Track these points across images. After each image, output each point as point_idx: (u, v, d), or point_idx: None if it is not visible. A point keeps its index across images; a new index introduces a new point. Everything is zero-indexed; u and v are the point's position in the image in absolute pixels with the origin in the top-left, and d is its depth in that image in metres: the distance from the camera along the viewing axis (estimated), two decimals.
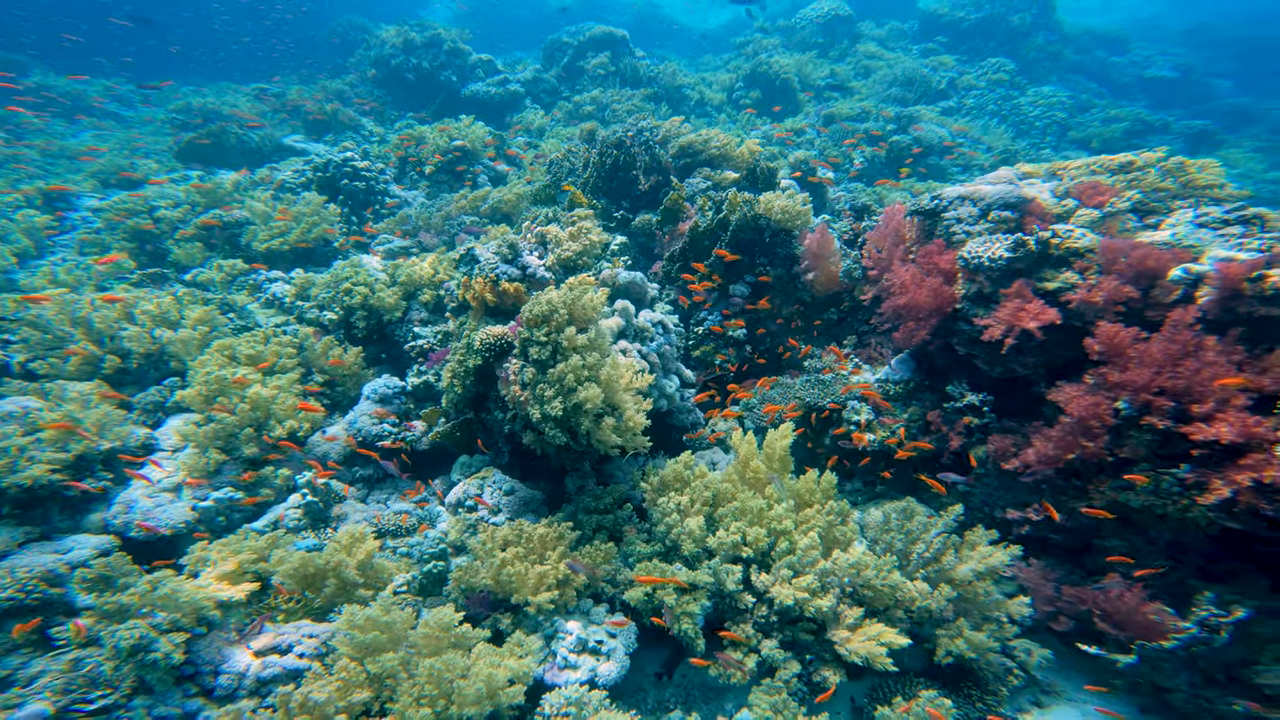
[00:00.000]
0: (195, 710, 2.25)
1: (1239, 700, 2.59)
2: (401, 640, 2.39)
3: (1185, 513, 2.73)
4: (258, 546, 2.71)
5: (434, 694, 2.21)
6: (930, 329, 3.97)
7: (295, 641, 2.43)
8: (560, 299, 3.32)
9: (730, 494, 3.57)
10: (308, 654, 2.35)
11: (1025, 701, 3.31)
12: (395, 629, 2.40)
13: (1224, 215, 2.99)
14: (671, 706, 3.27)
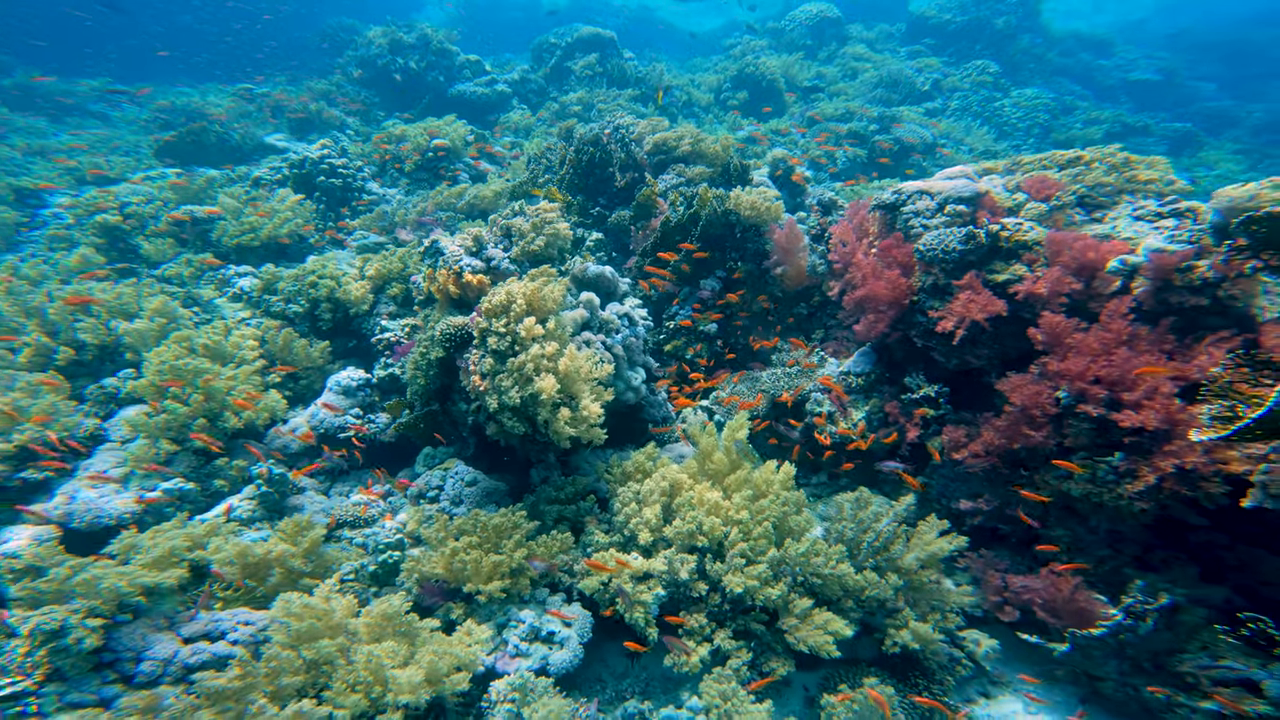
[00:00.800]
0: (111, 697, 2.24)
1: (1163, 688, 2.64)
2: (341, 628, 2.40)
3: (1120, 501, 2.79)
4: (194, 534, 2.71)
5: (369, 680, 2.23)
6: (888, 321, 4.03)
7: (230, 629, 2.44)
8: (519, 290, 3.35)
9: (688, 484, 3.61)
10: (242, 641, 2.35)
11: (973, 692, 3.35)
12: (335, 617, 2.41)
13: (1158, 208, 3.05)
14: (628, 696, 3.29)
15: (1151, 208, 3.07)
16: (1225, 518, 2.71)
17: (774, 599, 3.10)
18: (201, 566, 2.67)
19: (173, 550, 2.56)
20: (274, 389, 3.66)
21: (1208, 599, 2.75)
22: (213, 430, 3.22)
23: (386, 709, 2.18)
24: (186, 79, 17.07)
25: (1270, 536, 2.68)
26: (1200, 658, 2.58)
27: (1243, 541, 2.72)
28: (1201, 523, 2.70)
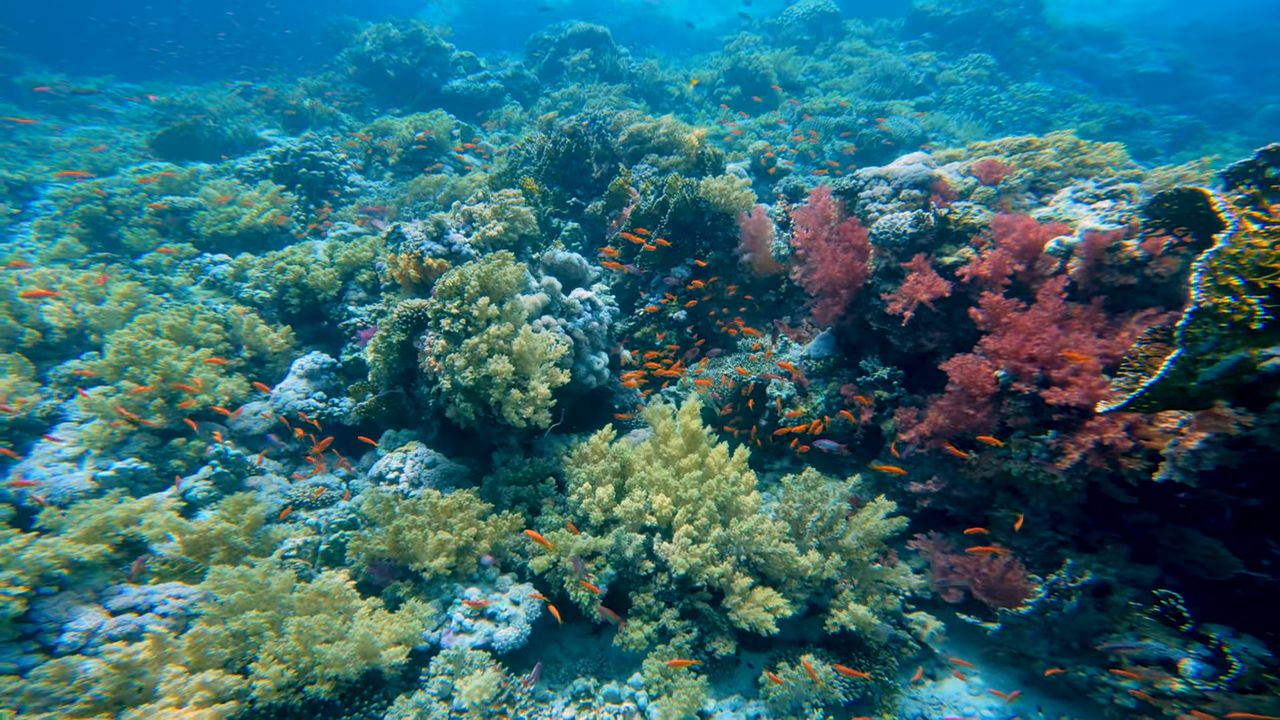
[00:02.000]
0: (30, 665, 2.30)
1: (1088, 667, 2.65)
2: (274, 602, 2.47)
3: (1053, 480, 2.80)
4: (130, 510, 2.78)
5: (298, 650, 2.29)
6: (844, 304, 4.05)
7: (159, 601, 2.50)
8: (473, 272, 3.42)
9: (641, 465, 3.66)
10: (171, 614, 2.41)
11: (921, 673, 3.38)
12: (269, 591, 2.48)
13: (1096, 190, 3.05)
14: (580, 675, 3.35)
15: (1090, 189, 3.07)
16: (1155, 497, 2.72)
17: (716, 577, 3.14)
18: (136, 542, 2.74)
19: (104, 525, 2.63)
20: (238, 373, 3.76)
21: (1139, 579, 2.76)
22: (170, 411, 3.30)
23: (315, 680, 2.24)
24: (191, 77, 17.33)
25: (1199, 515, 2.68)
26: (1127, 637, 2.59)
27: (1172, 520, 2.73)
28: (1131, 501, 2.71)
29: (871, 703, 3.13)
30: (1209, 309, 1.89)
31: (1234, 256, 1.93)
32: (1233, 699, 2.29)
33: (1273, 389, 2.05)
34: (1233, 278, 1.90)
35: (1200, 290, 1.92)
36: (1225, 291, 1.89)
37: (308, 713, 2.23)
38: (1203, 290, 1.91)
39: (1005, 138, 3.82)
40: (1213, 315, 1.89)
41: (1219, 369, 1.98)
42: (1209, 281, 1.92)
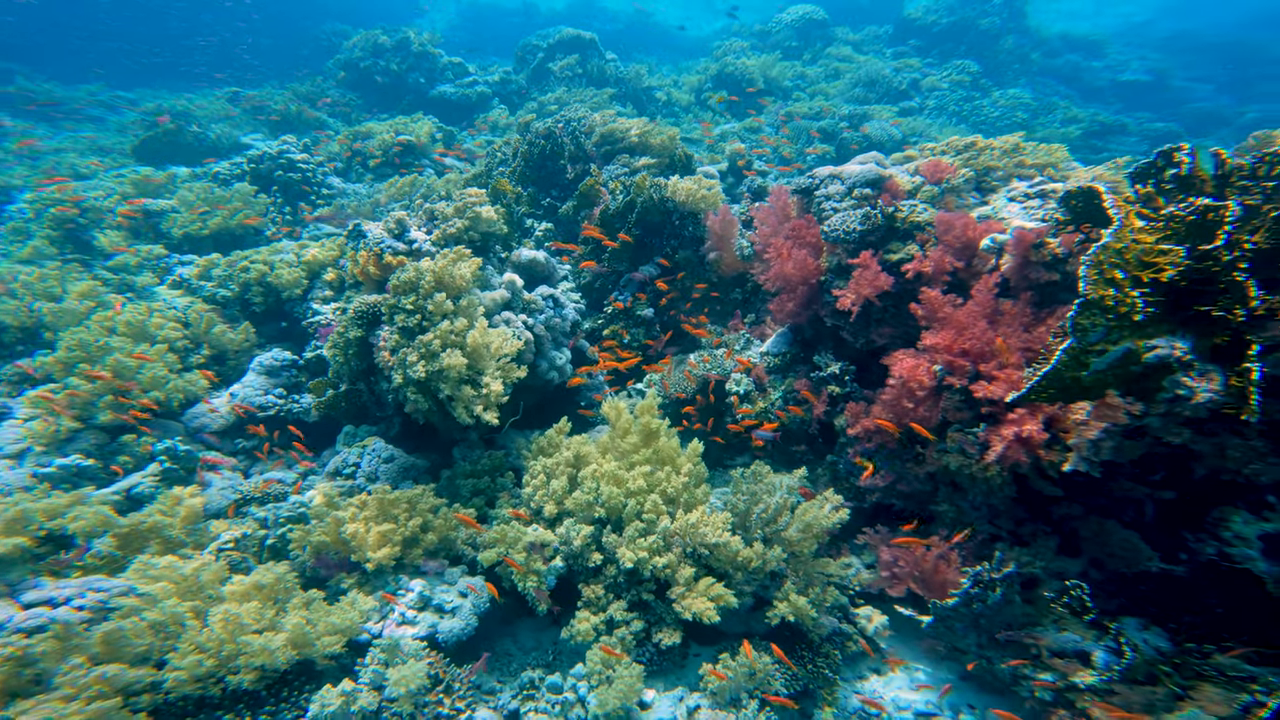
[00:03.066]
0: None
1: (1012, 660, 2.68)
2: (201, 593, 2.47)
3: (986, 473, 2.85)
4: (55, 503, 2.77)
5: (223, 639, 2.30)
6: (799, 301, 4.11)
7: (76, 594, 2.50)
8: (428, 267, 3.47)
9: (596, 458, 3.70)
10: (89, 606, 2.41)
11: (865, 668, 3.41)
12: (197, 582, 2.48)
13: (1027, 190, 3.13)
14: (530, 667, 3.37)
15: (1022, 189, 3.15)
16: (1080, 490, 2.77)
17: (661, 569, 3.17)
18: (61, 536, 2.73)
19: (21, 518, 2.62)
20: (197, 370, 3.80)
21: (1065, 571, 2.80)
22: (121, 408, 3.32)
23: (239, 670, 2.26)
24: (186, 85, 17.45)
25: (1119, 508, 2.73)
26: (1050, 630, 2.63)
27: (1095, 513, 2.77)
28: (1056, 494, 2.75)
29: (813, 695, 3.16)
30: (1095, 301, 1.95)
31: (1119, 251, 1.99)
32: (1133, 690, 2.32)
33: (1158, 379, 2.10)
34: (1117, 271, 1.96)
35: (1087, 283, 1.98)
36: (1110, 284, 1.95)
37: (229, 703, 2.25)
38: (1089, 283, 1.97)
39: (952, 138, 3.90)
40: (1099, 307, 1.94)
41: (1108, 359, 2.04)
42: (1095, 274, 1.97)
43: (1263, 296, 1.91)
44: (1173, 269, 1.93)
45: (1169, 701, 2.26)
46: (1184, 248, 1.97)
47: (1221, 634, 2.40)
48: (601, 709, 2.79)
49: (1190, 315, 1.99)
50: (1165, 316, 2.02)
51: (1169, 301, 1.99)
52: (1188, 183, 2.27)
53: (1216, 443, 2.16)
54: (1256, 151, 2.14)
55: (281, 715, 2.23)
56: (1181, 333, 2.05)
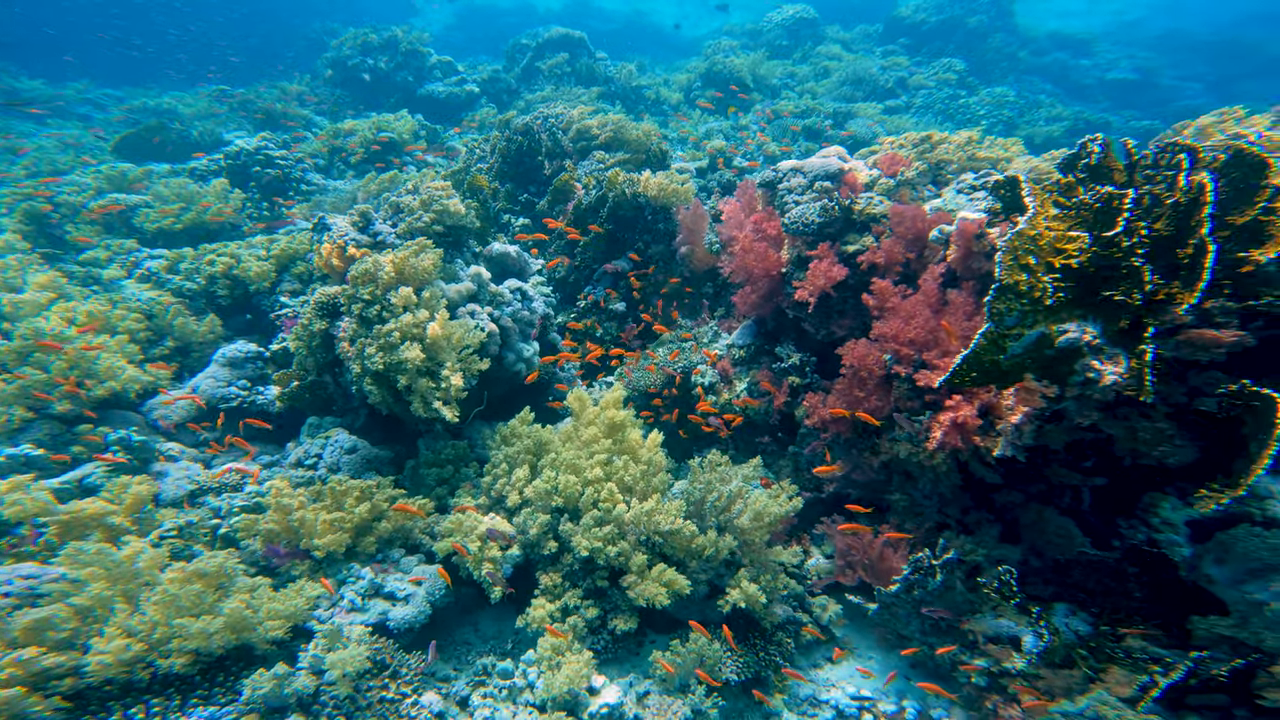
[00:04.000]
0: None
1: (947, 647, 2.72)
2: (136, 579, 2.46)
3: (931, 461, 2.88)
4: None
5: (156, 622, 2.29)
6: (761, 293, 4.15)
7: (3, 581, 2.48)
8: (388, 259, 3.50)
9: (557, 447, 3.73)
10: (14, 593, 2.40)
11: (820, 656, 3.44)
12: (131, 569, 2.46)
13: (974, 181, 3.17)
14: (486, 655, 3.40)
15: (970, 181, 3.19)
16: (1019, 476, 2.80)
17: (614, 556, 3.20)
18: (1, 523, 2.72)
19: None
20: (160, 361, 3.81)
21: (1005, 558, 2.83)
22: (78, 398, 3.32)
23: (171, 654, 2.27)
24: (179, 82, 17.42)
25: (1056, 494, 2.76)
26: (988, 616, 2.66)
27: (1034, 500, 2.80)
28: (996, 481, 2.79)
29: (765, 682, 3.19)
30: (1010, 286, 1.99)
31: (1033, 238, 2.03)
32: (1056, 674, 2.36)
33: (1070, 363, 2.14)
34: (1030, 257, 2.00)
35: (1002, 268, 2.01)
36: (1024, 270, 1.98)
37: (159, 687, 2.26)
38: (1004, 268, 2.01)
39: (910, 133, 3.94)
40: (1014, 292, 1.98)
41: (1024, 343, 2.07)
42: (1010, 260, 2.01)
43: (1156, 281, 1.95)
44: (1078, 255, 1.96)
45: (1083, 684, 2.30)
46: (1088, 234, 2.01)
47: (1136, 617, 2.43)
48: (547, 693, 2.81)
49: (1099, 300, 2.02)
50: (1077, 301, 2.06)
51: (1079, 287, 2.03)
52: (1098, 172, 2.31)
53: (1129, 426, 2.20)
54: (1156, 143, 2.18)
55: (214, 698, 2.25)
56: (1092, 317, 2.08)
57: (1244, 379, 2.06)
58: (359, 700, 2.45)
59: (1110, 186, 2.11)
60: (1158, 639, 2.34)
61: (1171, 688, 2.08)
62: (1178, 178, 2.06)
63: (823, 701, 3.15)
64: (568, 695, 2.81)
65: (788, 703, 3.15)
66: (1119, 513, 2.74)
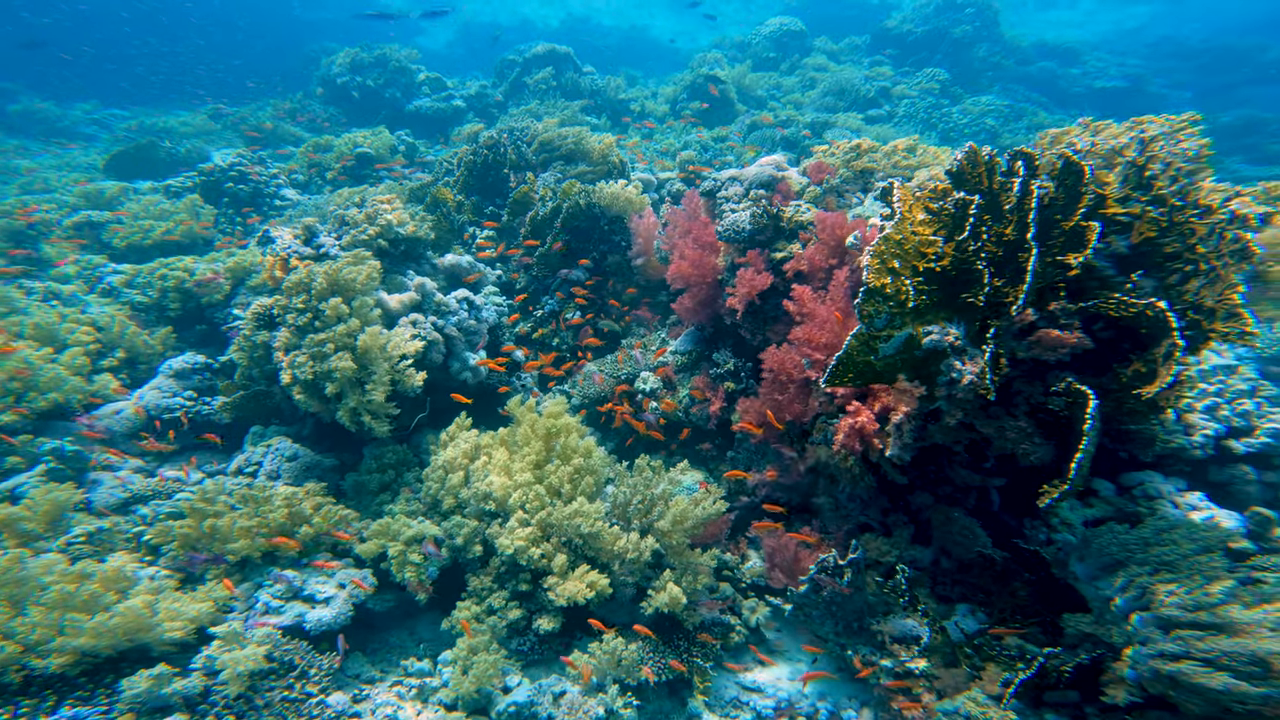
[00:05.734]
0: None
1: (862, 647, 2.72)
2: (23, 583, 2.49)
3: (845, 463, 2.91)
4: None
5: (35, 623, 2.29)
6: (699, 300, 4.21)
7: None
8: (321, 270, 3.60)
9: (491, 450, 3.78)
10: None
11: (749, 658, 3.44)
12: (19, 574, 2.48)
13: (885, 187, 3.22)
14: (417, 657, 3.43)
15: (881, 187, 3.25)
16: (929, 478, 2.82)
17: (537, 559, 3.24)
18: None
19: None
20: (108, 372, 3.93)
21: (918, 559, 2.84)
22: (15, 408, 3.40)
23: (50, 654, 2.30)
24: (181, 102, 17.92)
25: (962, 496, 2.78)
26: (899, 616, 2.67)
27: (943, 501, 2.82)
28: (903, 481, 2.80)
29: (689, 684, 3.20)
30: (877, 289, 2.03)
31: (899, 242, 2.08)
32: (949, 673, 2.36)
33: (937, 363, 2.17)
34: (895, 261, 2.05)
35: (869, 271, 2.06)
36: (890, 273, 2.03)
37: (36, 688, 2.28)
38: (871, 271, 2.06)
39: (839, 140, 4.01)
40: (881, 295, 2.03)
41: (894, 344, 2.11)
42: (877, 264, 2.06)
43: (995, 284, 1.99)
44: (935, 259, 2.01)
45: (966, 682, 2.30)
46: (942, 239, 2.05)
47: (1019, 616, 2.43)
48: (456, 691, 2.85)
49: (960, 303, 2.06)
50: (942, 304, 2.09)
51: (942, 290, 2.07)
52: (959, 178, 2.36)
53: (999, 426, 2.22)
54: (1008, 151, 2.22)
55: (96, 699, 2.28)
56: (956, 320, 2.12)
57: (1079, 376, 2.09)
58: (255, 700, 2.49)
59: (963, 193, 2.16)
60: (1035, 637, 2.34)
61: (1025, 685, 2.08)
62: (1012, 184, 2.11)
63: (744, 703, 3.15)
64: (476, 694, 2.84)
65: (710, 704, 3.16)
66: (1027, 513, 2.75)
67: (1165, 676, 1.79)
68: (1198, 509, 2.38)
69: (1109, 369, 2.11)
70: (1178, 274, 2.07)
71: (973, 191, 2.18)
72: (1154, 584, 1.94)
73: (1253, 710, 1.63)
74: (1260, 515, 2.43)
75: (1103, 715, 2.02)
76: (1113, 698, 1.95)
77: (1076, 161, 2.13)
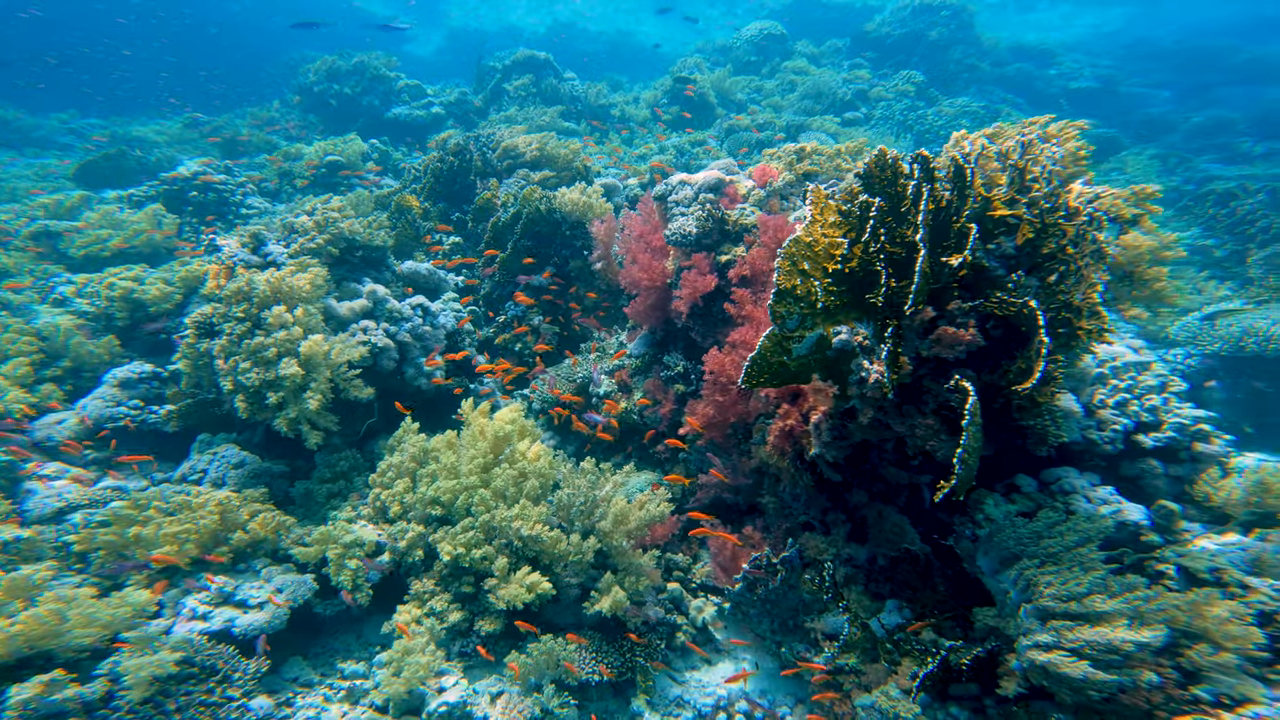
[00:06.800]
0: None
1: (796, 644, 2.74)
2: None
3: (781, 463, 2.92)
4: None
5: None
6: (649, 303, 4.23)
7: None
8: (262, 278, 3.59)
9: (439, 454, 3.78)
10: None
11: (698, 658, 3.45)
12: None
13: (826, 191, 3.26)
14: (357, 660, 3.42)
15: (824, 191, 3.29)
16: (864, 476, 2.84)
17: (478, 560, 3.24)
18: None
19: None
20: (51, 382, 3.90)
21: (854, 557, 2.86)
22: None
23: None
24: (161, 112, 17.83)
25: (895, 493, 2.80)
26: (827, 617, 2.69)
27: (877, 499, 2.84)
28: (837, 479, 2.83)
29: (633, 683, 3.20)
30: (788, 290, 2.06)
31: (809, 244, 2.11)
32: (872, 668, 2.38)
33: (848, 363, 2.19)
34: (805, 262, 2.08)
35: (780, 273, 2.09)
36: (801, 275, 2.06)
37: None
38: (782, 273, 2.09)
39: (787, 144, 4.05)
40: (792, 296, 2.05)
41: (806, 345, 2.14)
42: (788, 265, 2.09)
43: (891, 284, 2.02)
44: (842, 260, 2.04)
45: (885, 676, 2.32)
46: (849, 240, 2.09)
47: (938, 610, 2.46)
48: (386, 693, 2.85)
49: (867, 303, 2.09)
50: (852, 304, 2.12)
51: (851, 290, 2.10)
52: (868, 180, 2.39)
53: (911, 424, 2.25)
54: (912, 155, 2.26)
55: None
56: (866, 320, 2.15)
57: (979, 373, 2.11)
58: (166, 704, 2.47)
59: (867, 195, 2.20)
60: (950, 631, 2.36)
61: (929, 678, 2.10)
62: (906, 185, 2.14)
63: (686, 701, 3.16)
64: (408, 695, 2.84)
65: (653, 703, 3.17)
66: (957, 510, 2.78)
67: (1039, 667, 1.81)
68: (1108, 503, 2.41)
69: (999, 366, 2.15)
70: (1056, 274, 2.11)
71: (880, 194, 2.22)
72: (1038, 576, 1.97)
73: (1110, 697, 1.66)
74: (1165, 509, 2.47)
75: (999, 707, 2.04)
76: (1005, 690, 1.97)
77: (962, 165, 2.17)
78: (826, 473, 2.95)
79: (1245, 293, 5.16)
